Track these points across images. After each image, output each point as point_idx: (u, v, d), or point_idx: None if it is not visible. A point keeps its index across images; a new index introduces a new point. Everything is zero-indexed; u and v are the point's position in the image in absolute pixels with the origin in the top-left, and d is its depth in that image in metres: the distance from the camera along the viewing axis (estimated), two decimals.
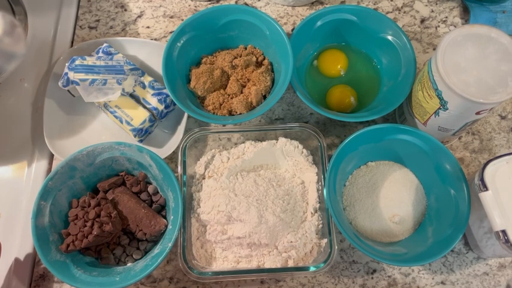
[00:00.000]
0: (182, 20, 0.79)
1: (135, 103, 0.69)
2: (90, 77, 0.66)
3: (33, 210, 0.59)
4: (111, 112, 0.68)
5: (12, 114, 0.73)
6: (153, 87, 0.69)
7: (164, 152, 0.68)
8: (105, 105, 0.68)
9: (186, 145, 0.65)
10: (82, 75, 0.66)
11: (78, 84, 0.66)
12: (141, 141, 0.69)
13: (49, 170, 0.70)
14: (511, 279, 0.64)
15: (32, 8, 0.74)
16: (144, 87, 0.69)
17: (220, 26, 0.70)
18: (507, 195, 0.54)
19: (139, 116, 0.67)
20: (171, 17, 0.79)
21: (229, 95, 0.69)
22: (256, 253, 0.61)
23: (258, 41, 0.71)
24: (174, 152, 0.69)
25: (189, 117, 0.69)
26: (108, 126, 0.71)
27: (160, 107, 0.68)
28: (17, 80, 0.74)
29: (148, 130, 0.69)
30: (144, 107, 0.69)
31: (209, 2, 0.80)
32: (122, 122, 0.68)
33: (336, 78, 0.73)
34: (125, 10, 0.80)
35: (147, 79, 0.70)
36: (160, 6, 0.80)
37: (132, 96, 0.69)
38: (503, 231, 0.52)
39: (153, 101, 0.68)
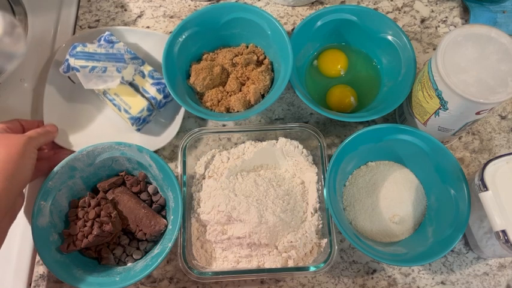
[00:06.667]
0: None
1: (134, 92, 0.69)
2: (90, 64, 0.66)
3: (33, 210, 0.59)
4: (109, 100, 0.68)
5: (12, 114, 0.73)
6: (152, 77, 0.69)
7: (161, 141, 0.68)
8: (104, 93, 0.69)
9: (186, 145, 0.65)
10: (82, 62, 0.66)
11: (78, 70, 0.66)
12: (138, 130, 0.70)
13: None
14: (511, 279, 0.64)
15: (32, 8, 0.74)
16: (143, 76, 0.69)
17: (223, 24, 0.70)
18: (507, 195, 0.54)
19: (137, 105, 0.67)
20: (171, 17, 0.79)
21: (227, 93, 0.69)
22: (256, 253, 0.61)
23: (260, 40, 0.71)
24: (174, 152, 0.69)
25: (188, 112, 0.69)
26: (108, 114, 0.72)
27: (159, 97, 0.68)
28: (17, 80, 0.74)
29: (147, 119, 0.69)
30: (143, 96, 0.69)
31: (209, 2, 0.80)
32: (120, 110, 0.68)
33: (336, 78, 0.73)
34: (125, 10, 0.80)
35: (146, 68, 0.70)
36: (160, 6, 0.80)
37: (131, 85, 0.69)
38: (503, 231, 0.52)
39: (152, 91, 0.68)
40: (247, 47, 0.72)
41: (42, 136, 0.62)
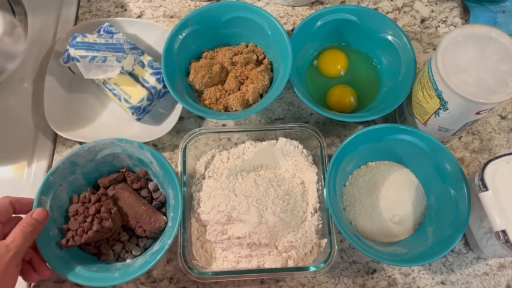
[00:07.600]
0: None
1: (134, 81, 0.69)
2: (90, 53, 0.66)
3: (33, 205, 0.59)
4: (109, 90, 0.69)
5: (12, 114, 0.73)
6: (152, 67, 0.70)
7: (161, 131, 0.69)
8: (104, 83, 0.69)
9: (186, 145, 0.65)
10: (82, 52, 0.66)
11: (78, 60, 0.67)
12: (138, 119, 0.70)
13: (49, 169, 0.70)
14: (511, 279, 0.64)
15: (32, 8, 0.74)
16: (143, 66, 0.70)
17: (224, 22, 0.70)
18: (507, 195, 0.54)
19: (137, 94, 0.68)
20: (171, 17, 0.79)
21: (226, 91, 0.69)
22: (256, 253, 0.61)
23: (260, 40, 0.71)
24: (174, 152, 0.69)
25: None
26: (108, 104, 0.72)
27: (159, 86, 0.69)
28: (17, 80, 0.74)
29: (147, 109, 0.70)
30: (143, 85, 0.69)
31: (208, 2, 0.80)
32: (120, 99, 0.68)
33: (336, 78, 0.73)
34: (125, 10, 0.80)
35: (146, 58, 0.70)
36: (160, 6, 0.80)
37: (131, 75, 0.70)
38: (503, 231, 0.52)
39: (152, 80, 0.69)
40: (247, 46, 0.72)
41: (28, 239, 0.54)
